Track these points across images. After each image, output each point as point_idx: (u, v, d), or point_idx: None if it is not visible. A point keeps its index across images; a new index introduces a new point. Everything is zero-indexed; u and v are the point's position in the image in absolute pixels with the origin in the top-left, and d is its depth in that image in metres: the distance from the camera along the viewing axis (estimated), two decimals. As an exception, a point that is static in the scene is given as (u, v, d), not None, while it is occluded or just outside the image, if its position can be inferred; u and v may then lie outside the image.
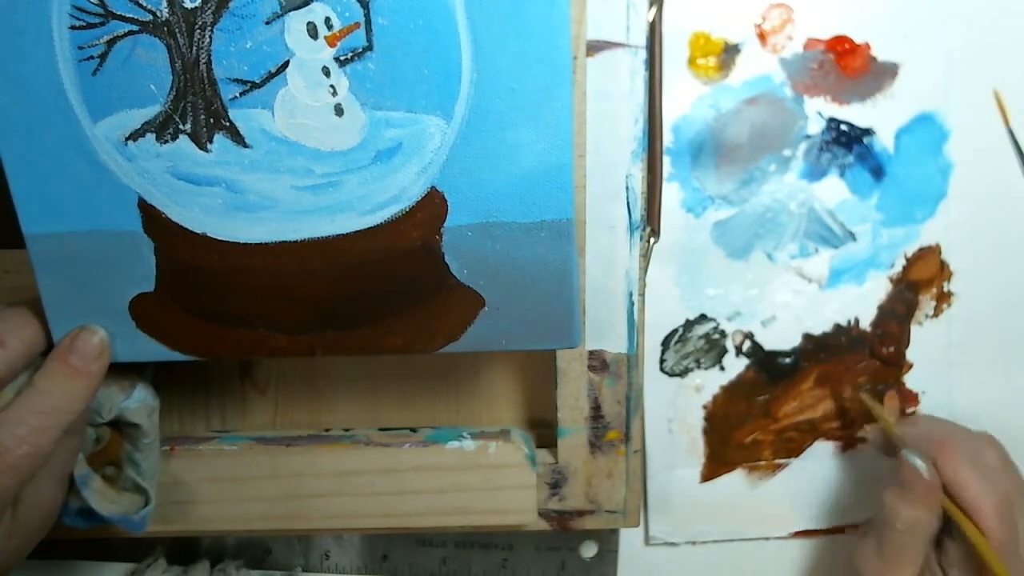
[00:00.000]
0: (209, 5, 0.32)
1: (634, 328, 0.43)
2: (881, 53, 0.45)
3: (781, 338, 0.47)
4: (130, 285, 0.37)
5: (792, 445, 0.48)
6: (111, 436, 0.41)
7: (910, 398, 0.48)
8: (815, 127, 0.45)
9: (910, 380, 0.48)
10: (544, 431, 0.46)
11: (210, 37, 0.33)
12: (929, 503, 0.42)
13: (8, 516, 0.37)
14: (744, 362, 0.47)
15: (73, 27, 0.33)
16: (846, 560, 0.48)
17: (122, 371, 0.39)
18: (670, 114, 0.45)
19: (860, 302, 0.47)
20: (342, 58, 0.33)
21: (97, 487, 0.40)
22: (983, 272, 0.47)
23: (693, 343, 0.47)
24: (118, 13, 0.33)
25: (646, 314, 0.46)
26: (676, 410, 0.48)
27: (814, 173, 0.45)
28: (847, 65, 0.45)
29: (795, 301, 0.46)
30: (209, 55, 0.33)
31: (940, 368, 0.48)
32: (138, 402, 0.40)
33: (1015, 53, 0.45)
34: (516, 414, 0.47)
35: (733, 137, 0.45)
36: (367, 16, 0.33)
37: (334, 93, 0.34)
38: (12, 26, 0.33)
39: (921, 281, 0.47)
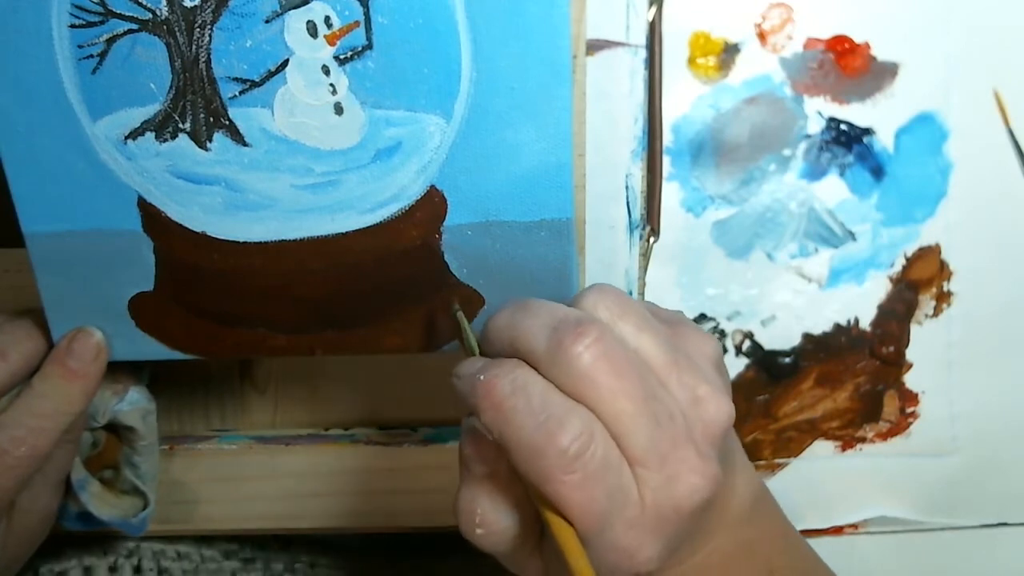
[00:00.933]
0: (208, 4, 0.32)
1: (634, 328, 0.43)
2: (881, 53, 0.45)
3: (781, 338, 0.47)
4: (129, 284, 0.37)
5: (792, 445, 0.48)
6: (107, 440, 0.41)
7: (910, 398, 0.48)
8: (815, 127, 0.45)
9: (910, 380, 0.48)
10: (544, 431, 0.46)
11: (210, 36, 0.33)
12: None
13: (3, 524, 0.37)
14: (744, 362, 0.47)
15: (73, 26, 0.33)
16: (845, 560, 0.48)
17: (115, 374, 0.39)
18: (670, 114, 0.45)
19: (860, 302, 0.47)
20: (342, 57, 0.33)
21: (95, 491, 0.40)
22: (983, 272, 0.47)
23: (693, 343, 0.47)
24: (118, 12, 0.33)
25: (646, 314, 0.45)
26: (676, 410, 0.47)
27: (814, 173, 0.45)
28: (847, 65, 0.45)
29: (795, 301, 0.46)
30: (209, 54, 0.33)
31: (940, 368, 0.48)
32: (131, 405, 0.40)
33: (1015, 53, 0.45)
34: (516, 414, 0.47)
35: (733, 137, 0.45)
36: (367, 15, 0.33)
37: (334, 92, 0.34)
38: (12, 25, 0.33)
39: (921, 281, 0.47)
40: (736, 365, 0.47)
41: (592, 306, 0.30)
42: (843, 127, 0.45)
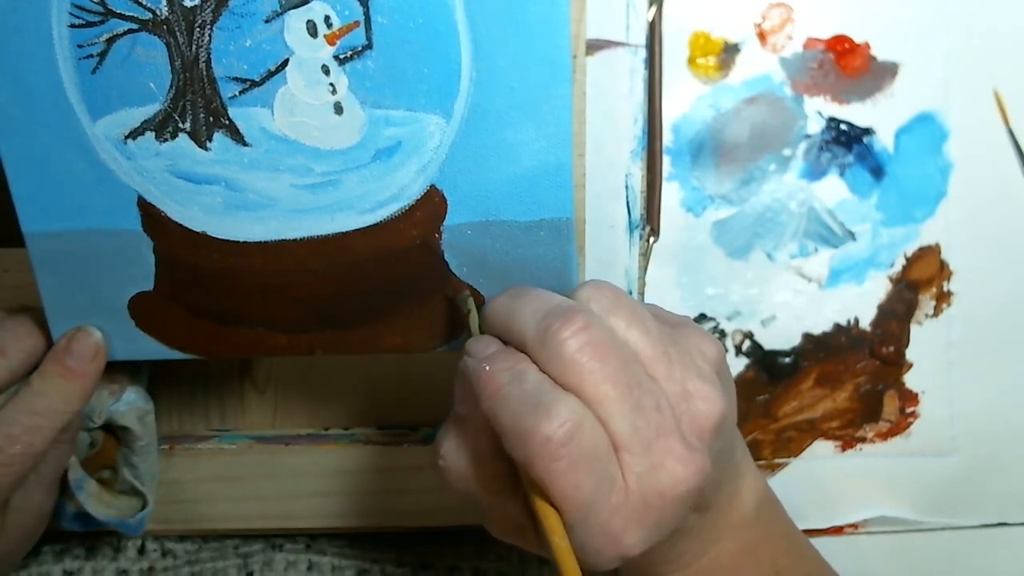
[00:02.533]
0: (208, 3, 0.32)
1: (634, 327, 0.43)
2: (881, 53, 0.45)
3: (781, 338, 0.47)
4: (129, 284, 0.37)
5: (792, 445, 0.48)
6: (105, 440, 0.41)
7: (910, 398, 0.48)
8: (815, 127, 0.45)
9: (910, 380, 0.48)
10: (544, 431, 0.46)
11: (209, 35, 0.33)
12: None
13: None
14: (744, 362, 0.47)
15: (73, 25, 0.33)
16: (845, 560, 0.48)
17: (112, 375, 0.39)
18: (670, 113, 0.45)
19: (860, 302, 0.47)
20: (342, 56, 0.33)
21: (92, 491, 0.40)
22: (983, 272, 0.47)
23: (693, 343, 0.47)
24: (118, 11, 0.33)
25: (646, 314, 0.45)
26: (676, 410, 0.47)
27: (814, 173, 0.45)
28: (847, 65, 0.45)
29: (795, 301, 0.46)
30: (209, 53, 0.33)
31: (940, 368, 0.48)
32: (128, 405, 0.40)
33: (1015, 53, 0.45)
34: (516, 414, 0.47)
35: (733, 137, 0.45)
36: (367, 14, 0.33)
37: (333, 91, 0.34)
38: (12, 25, 0.33)
39: (921, 281, 0.47)
40: (736, 365, 0.47)
41: (586, 298, 0.31)
42: (843, 127, 0.45)
